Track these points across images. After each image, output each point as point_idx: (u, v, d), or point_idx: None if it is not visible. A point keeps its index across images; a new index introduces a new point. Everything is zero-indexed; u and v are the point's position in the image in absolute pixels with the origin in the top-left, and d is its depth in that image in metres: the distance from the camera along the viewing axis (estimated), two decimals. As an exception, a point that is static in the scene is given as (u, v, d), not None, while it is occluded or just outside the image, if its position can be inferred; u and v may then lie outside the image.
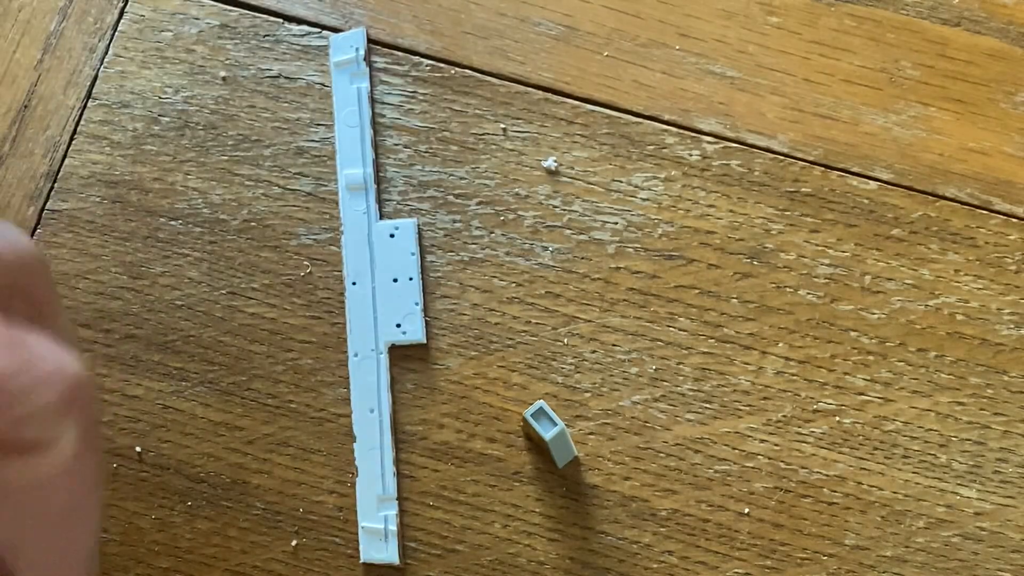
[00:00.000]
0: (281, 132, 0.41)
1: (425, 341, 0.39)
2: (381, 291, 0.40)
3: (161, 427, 0.39)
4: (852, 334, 0.40)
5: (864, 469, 0.39)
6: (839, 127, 0.42)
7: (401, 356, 0.39)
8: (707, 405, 0.39)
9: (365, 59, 0.42)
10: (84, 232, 0.40)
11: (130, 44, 0.42)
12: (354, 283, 0.40)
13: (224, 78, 0.42)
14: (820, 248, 0.40)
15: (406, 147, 0.41)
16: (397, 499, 0.38)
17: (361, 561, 0.38)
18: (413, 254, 0.40)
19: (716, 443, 0.39)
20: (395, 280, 0.40)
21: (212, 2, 0.43)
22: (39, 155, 0.41)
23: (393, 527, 0.38)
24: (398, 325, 0.39)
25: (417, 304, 0.39)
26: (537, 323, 0.40)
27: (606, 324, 0.39)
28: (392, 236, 0.40)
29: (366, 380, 0.39)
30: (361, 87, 0.41)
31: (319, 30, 0.42)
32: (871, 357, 0.40)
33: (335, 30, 0.42)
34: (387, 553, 0.37)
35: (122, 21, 0.42)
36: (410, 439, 0.39)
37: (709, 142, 0.41)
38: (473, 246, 0.40)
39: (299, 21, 0.43)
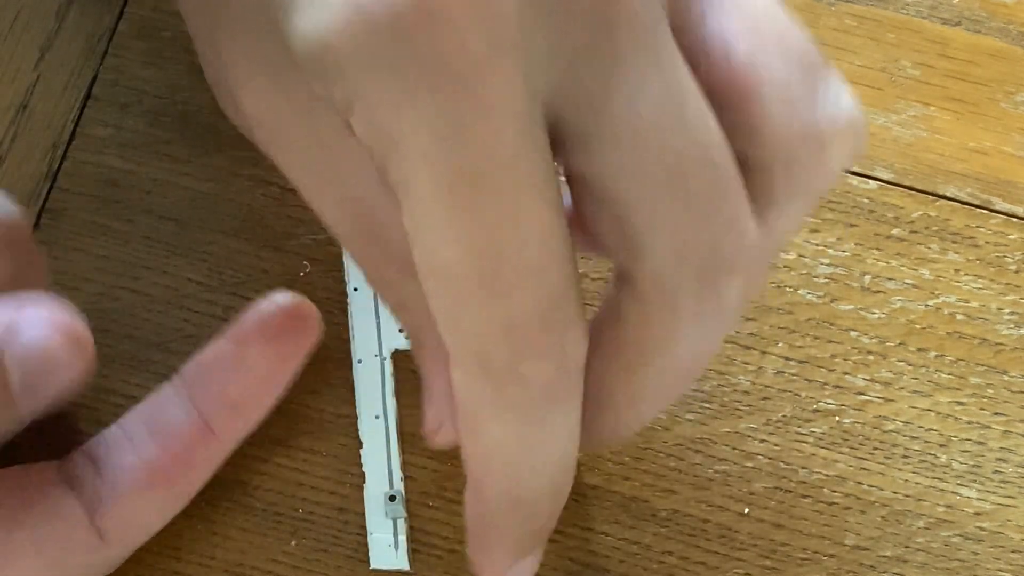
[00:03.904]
0: (281, 132, 0.41)
1: (428, 343, 0.39)
2: (383, 295, 0.39)
3: (161, 427, 0.39)
4: (852, 334, 0.40)
5: (864, 469, 0.39)
6: (839, 127, 0.41)
7: (401, 356, 0.39)
8: (707, 405, 0.39)
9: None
10: (84, 232, 0.40)
11: (130, 44, 0.42)
12: (356, 289, 0.40)
13: (224, 78, 0.42)
14: (820, 248, 0.40)
15: (406, 147, 0.41)
16: (406, 504, 0.38)
17: (371, 568, 0.37)
18: (415, 257, 0.40)
19: (716, 443, 0.39)
20: (397, 283, 0.40)
21: (212, 2, 0.43)
22: (38, 156, 0.41)
23: (403, 533, 0.38)
24: (401, 330, 0.39)
25: (419, 307, 0.39)
26: (537, 323, 0.39)
27: (606, 324, 0.39)
28: (392, 237, 0.40)
29: (371, 386, 0.39)
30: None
31: (319, 30, 0.42)
32: (871, 357, 0.40)
33: (335, 30, 0.42)
34: (397, 560, 0.37)
35: (122, 21, 0.42)
36: (410, 439, 0.39)
37: (709, 142, 0.41)
38: (473, 246, 0.40)
39: (299, 21, 0.42)
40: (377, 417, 0.39)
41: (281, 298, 0.33)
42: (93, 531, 0.30)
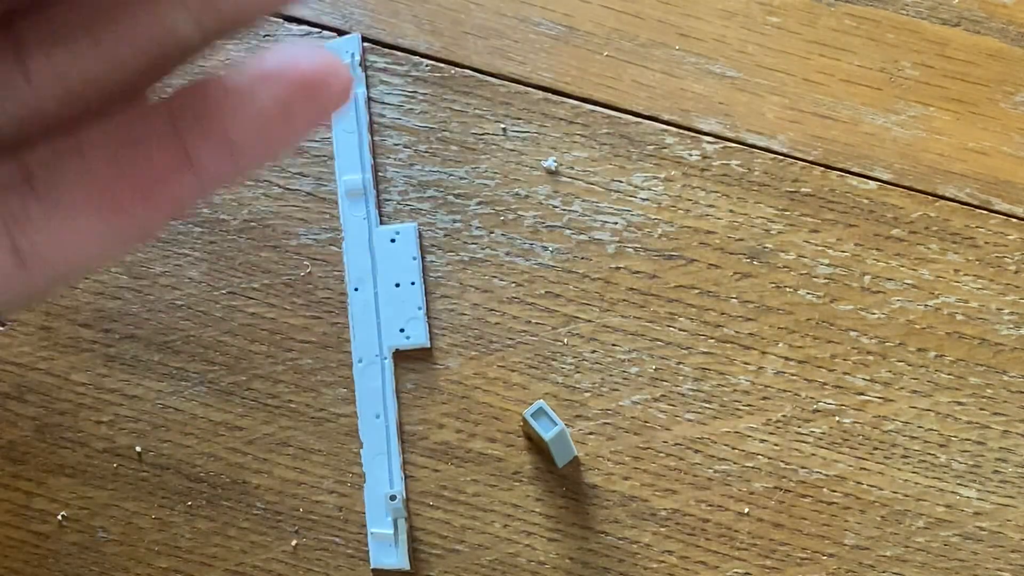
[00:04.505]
0: (281, 132, 0.41)
1: (429, 345, 0.39)
2: (384, 296, 0.40)
3: (161, 427, 0.39)
4: (852, 334, 0.40)
5: (864, 469, 0.39)
6: (839, 127, 0.42)
7: (401, 356, 0.39)
8: (707, 405, 0.39)
9: (361, 64, 0.42)
10: (84, 232, 0.40)
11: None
12: (356, 289, 0.40)
13: (224, 78, 0.42)
14: (820, 248, 0.40)
15: (406, 147, 0.41)
16: (406, 504, 0.38)
17: (371, 568, 0.38)
18: (415, 258, 0.40)
19: (716, 443, 0.39)
20: (397, 285, 0.40)
21: (212, 2, 0.43)
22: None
23: (403, 532, 0.38)
24: (401, 330, 0.39)
25: (420, 308, 0.39)
26: (537, 323, 0.40)
27: (606, 324, 0.39)
28: (393, 241, 0.40)
29: (371, 385, 0.39)
30: (358, 93, 0.41)
31: (319, 30, 0.42)
32: (871, 357, 0.40)
33: (335, 30, 0.42)
34: (397, 558, 0.37)
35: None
36: (410, 439, 0.39)
37: (709, 142, 0.41)
38: (473, 246, 0.40)
39: (299, 21, 0.43)
40: (377, 417, 0.39)
41: (309, 49, 0.26)
42: (9, 250, 0.23)
